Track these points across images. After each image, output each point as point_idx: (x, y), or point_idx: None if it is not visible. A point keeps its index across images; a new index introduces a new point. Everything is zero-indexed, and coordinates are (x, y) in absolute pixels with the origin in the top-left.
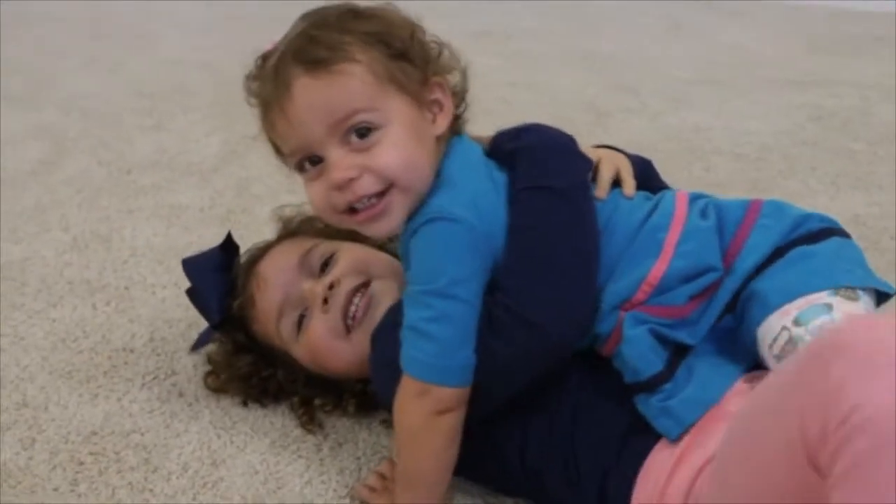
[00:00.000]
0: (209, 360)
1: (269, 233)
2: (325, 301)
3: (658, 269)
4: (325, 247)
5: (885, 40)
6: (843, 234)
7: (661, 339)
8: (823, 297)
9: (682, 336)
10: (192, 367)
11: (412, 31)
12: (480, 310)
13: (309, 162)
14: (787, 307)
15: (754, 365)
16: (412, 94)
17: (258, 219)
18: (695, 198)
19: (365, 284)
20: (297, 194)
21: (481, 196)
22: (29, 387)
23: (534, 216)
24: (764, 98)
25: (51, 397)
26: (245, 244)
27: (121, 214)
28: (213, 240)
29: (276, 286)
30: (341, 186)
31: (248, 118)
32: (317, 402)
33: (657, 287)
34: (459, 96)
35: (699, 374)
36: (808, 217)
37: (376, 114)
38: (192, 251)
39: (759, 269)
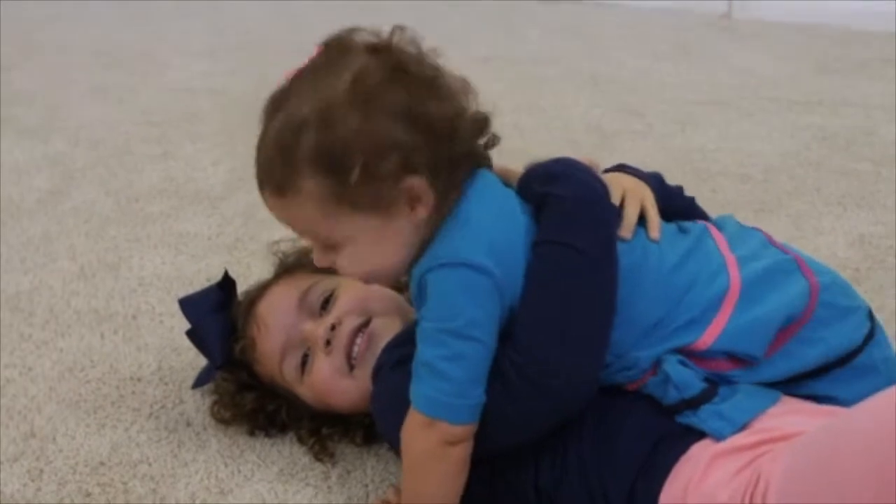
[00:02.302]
0: (216, 389)
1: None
2: (328, 343)
3: (702, 343)
4: (324, 284)
5: (892, 62)
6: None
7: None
8: None
9: (717, 379)
10: (199, 397)
11: (373, 148)
12: (493, 358)
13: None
14: None
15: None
16: (372, 208)
17: (267, 246)
18: (744, 260)
19: (366, 324)
20: None
21: (501, 240)
22: (36, 417)
23: (555, 274)
24: (770, 119)
25: (58, 428)
26: (254, 272)
27: (128, 243)
28: (221, 268)
29: (276, 329)
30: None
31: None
32: (325, 430)
33: (696, 354)
34: (480, 131)
35: (743, 390)
36: (862, 319)
37: (332, 234)
38: (200, 279)
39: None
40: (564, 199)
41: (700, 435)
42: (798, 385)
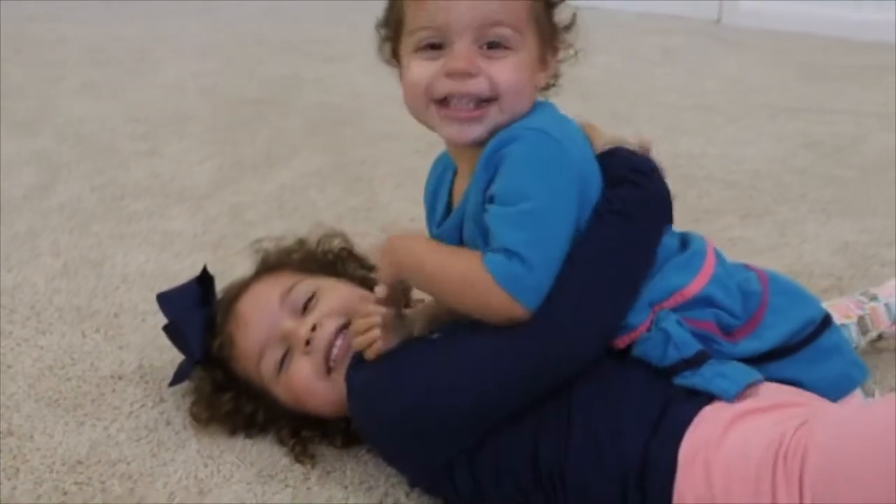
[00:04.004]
0: (194, 390)
1: None
2: (308, 343)
3: (693, 287)
4: (306, 285)
5: (881, 70)
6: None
7: None
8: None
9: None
10: (180, 396)
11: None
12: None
13: (430, 46)
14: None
15: None
16: (541, 41)
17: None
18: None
19: (346, 325)
20: (289, 220)
21: (585, 155)
22: (14, 415)
23: (609, 244)
24: (757, 125)
25: (36, 426)
26: (238, 271)
27: (112, 240)
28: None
29: (257, 326)
30: (456, 75)
31: (243, 143)
32: (304, 433)
33: (686, 302)
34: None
35: (732, 362)
36: (815, 304)
37: (514, 37)
38: (184, 277)
39: (784, 350)
40: (645, 187)
41: (706, 399)
42: (764, 367)
